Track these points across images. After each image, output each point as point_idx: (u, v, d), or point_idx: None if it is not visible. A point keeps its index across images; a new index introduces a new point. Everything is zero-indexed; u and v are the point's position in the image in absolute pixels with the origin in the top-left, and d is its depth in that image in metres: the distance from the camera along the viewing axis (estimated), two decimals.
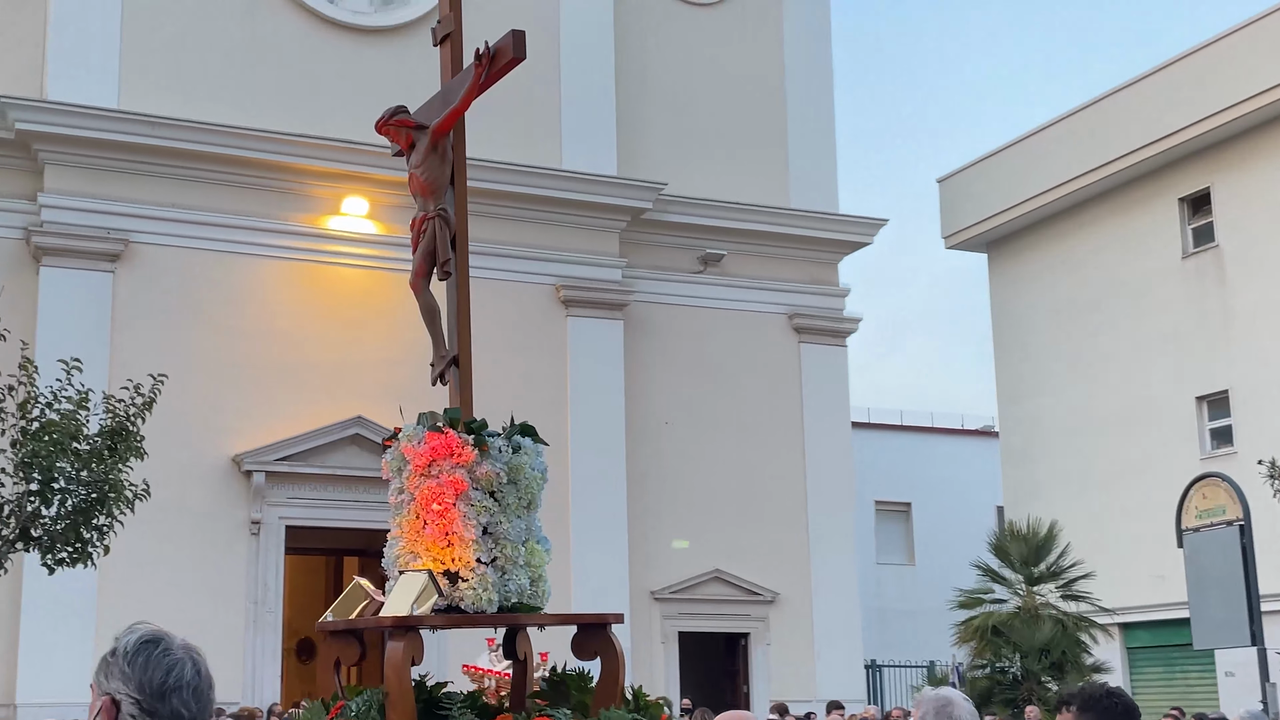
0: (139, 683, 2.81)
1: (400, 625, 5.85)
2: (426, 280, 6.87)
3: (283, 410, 21.53)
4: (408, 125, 7.01)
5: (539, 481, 6.31)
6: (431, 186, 6.84)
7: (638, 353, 24.84)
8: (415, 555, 6.11)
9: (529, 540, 6.26)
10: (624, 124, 25.44)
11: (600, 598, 22.94)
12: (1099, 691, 4.17)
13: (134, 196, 21.33)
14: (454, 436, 6.16)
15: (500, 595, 6.08)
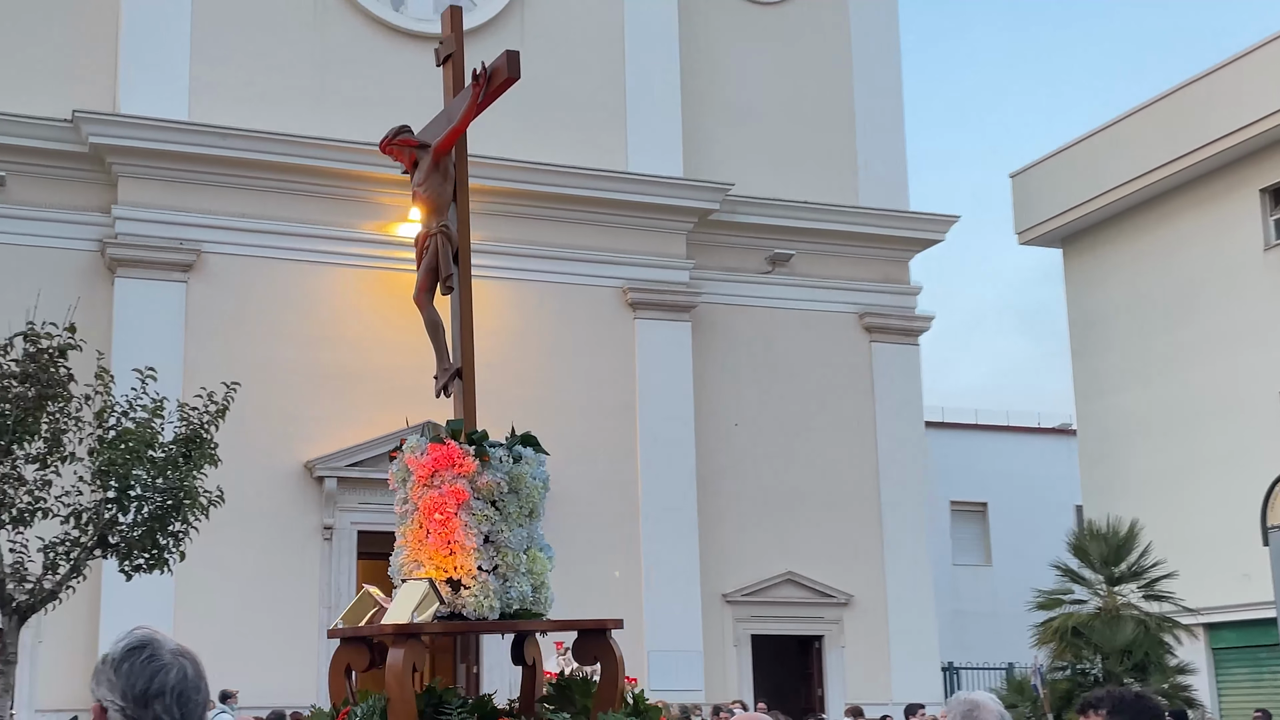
0: (123, 689, 2.86)
1: (401, 633, 5.97)
2: (430, 295, 7.07)
3: (354, 416, 21.83)
4: (410, 144, 7.18)
5: (540, 490, 6.43)
6: (434, 203, 7.01)
7: (706, 354, 24.87)
8: (419, 564, 6.24)
9: (531, 548, 6.36)
10: (690, 125, 25.49)
11: (670, 601, 23.03)
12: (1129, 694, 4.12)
13: (205, 207, 21.74)
14: (455, 447, 6.29)
15: (502, 602, 6.19)
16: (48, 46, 21.71)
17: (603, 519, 23.16)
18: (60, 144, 21.24)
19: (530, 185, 23.63)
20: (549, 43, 24.66)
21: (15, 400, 15.47)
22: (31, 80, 21.45)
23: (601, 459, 23.38)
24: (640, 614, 22.86)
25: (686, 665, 22.81)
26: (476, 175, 24.94)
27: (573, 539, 22.97)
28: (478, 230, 24.58)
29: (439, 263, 6.93)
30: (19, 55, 21.65)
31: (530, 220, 23.75)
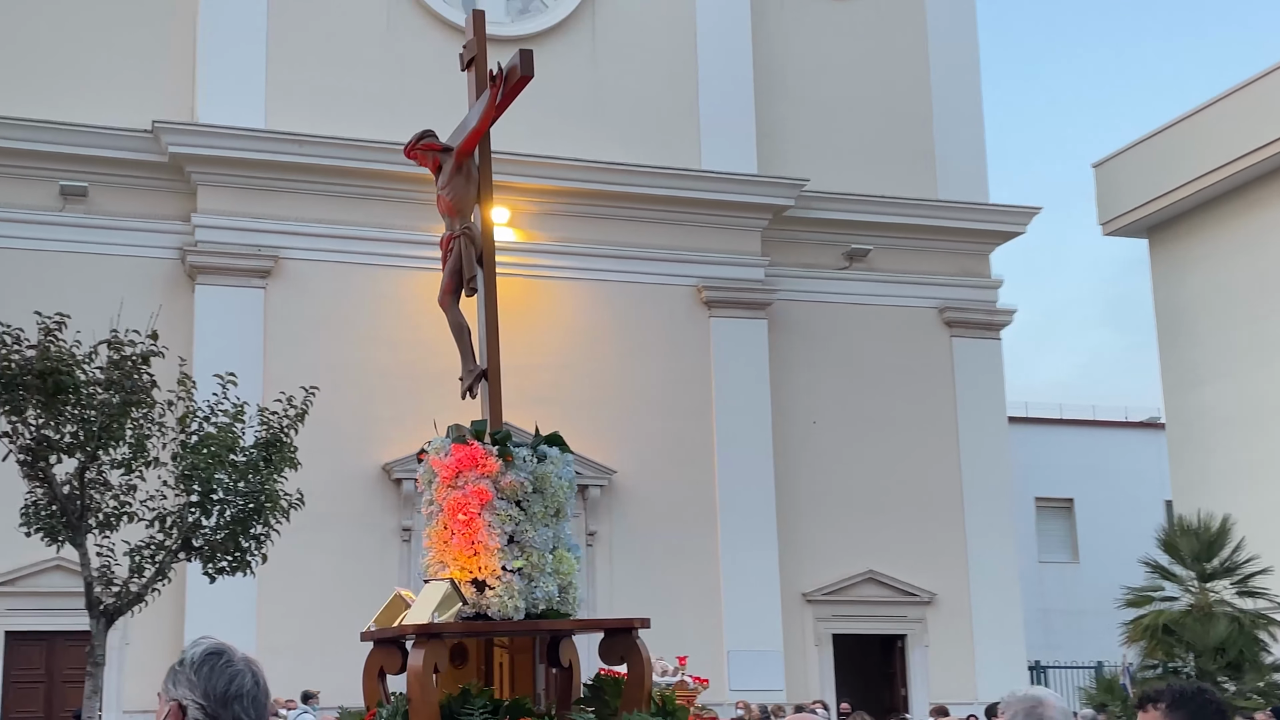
0: (204, 689, 3.01)
1: (422, 633, 5.97)
2: (455, 297, 7.16)
3: (428, 418, 22.04)
4: (434, 149, 7.25)
5: (566, 490, 6.42)
6: (458, 206, 7.09)
7: (783, 352, 24.84)
8: (444, 564, 6.27)
9: (557, 548, 6.35)
10: (763, 121, 25.48)
11: (750, 600, 23.05)
12: (1190, 689, 4.07)
13: (282, 213, 22.14)
14: (479, 448, 6.30)
15: (527, 603, 6.19)
16: (128, 59, 22.22)
17: (680, 519, 23.24)
18: (141, 154, 21.75)
19: (603, 185, 23.77)
20: (621, 42, 24.79)
21: (101, 407, 15.88)
22: (112, 93, 21.99)
23: (678, 459, 23.45)
24: (719, 614, 22.91)
25: (767, 665, 22.82)
26: (548, 177, 25.26)
27: (650, 539, 23.11)
28: (551, 232, 24.93)
29: (462, 265, 7.00)
30: (100, 69, 22.19)
31: (604, 220, 23.89)
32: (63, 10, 22.31)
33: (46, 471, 15.87)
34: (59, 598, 19.45)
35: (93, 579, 15.63)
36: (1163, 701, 3.98)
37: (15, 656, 20.11)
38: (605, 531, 22.95)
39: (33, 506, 16.01)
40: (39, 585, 20.07)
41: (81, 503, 15.82)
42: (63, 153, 21.44)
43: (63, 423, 15.82)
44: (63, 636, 19.80)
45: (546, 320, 23.32)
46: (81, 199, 21.66)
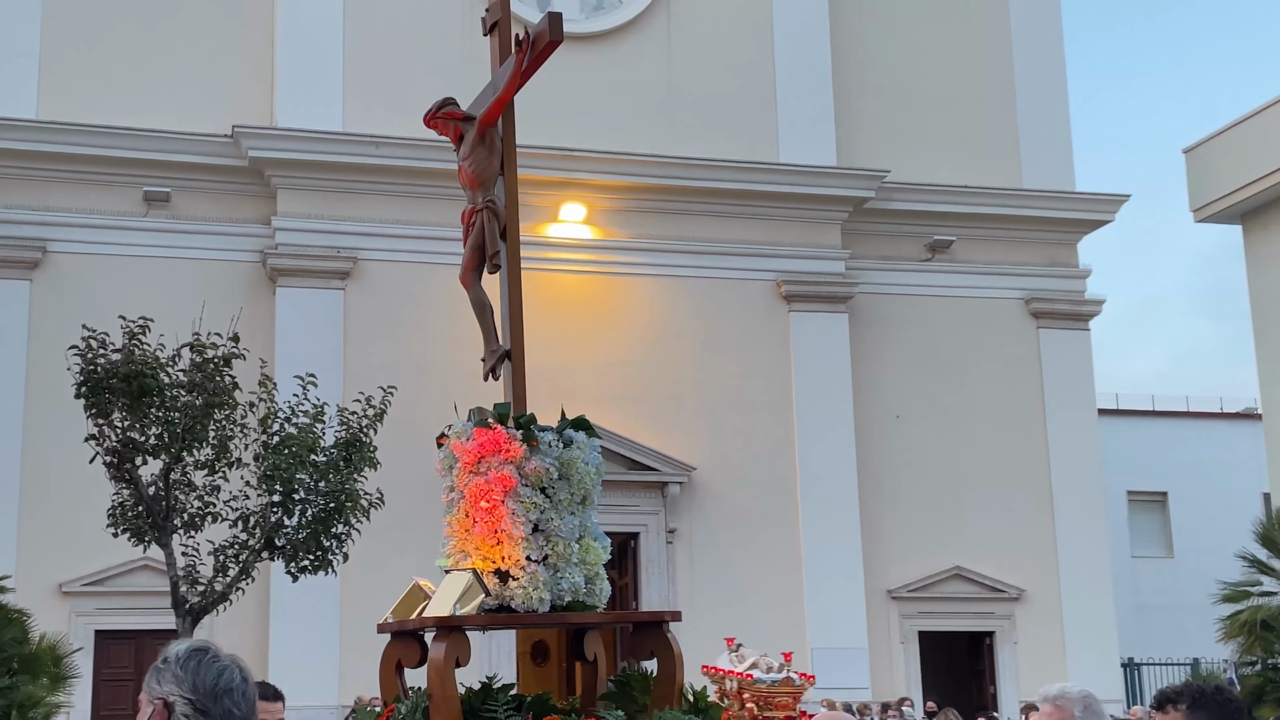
0: (193, 684, 3.01)
1: (444, 625, 5.74)
2: (477, 274, 6.84)
3: None
4: (455, 117, 6.97)
5: (593, 476, 6.13)
6: (480, 178, 6.79)
7: (865, 345, 24.73)
8: (465, 554, 6.02)
9: (584, 538, 6.08)
10: (842, 112, 25.37)
11: (833, 597, 23.00)
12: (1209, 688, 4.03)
13: (361, 215, 22.47)
14: (502, 432, 6.04)
15: (553, 594, 5.92)
16: (207, 66, 22.67)
17: (761, 516, 23.24)
18: (221, 159, 22.18)
19: (681, 181, 23.81)
20: (696, 36, 24.82)
21: (184, 409, 16.24)
22: (193, 99, 22.45)
23: (759, 454, 23.45)
24: (802, 611, 22.88)
25: (851, 662, 22.74)
26: (625, 173, 25.37)
27: (730, 536, 23.14)
28: (628, 228, 25.04)
29: (485, 240, 6.69)
30: (181, 75, 22.67)
31: (682, 216, 23.94)
32: (143, 19, 22.82)
33: (132, 473, 16.28)
34: (146, 597, 19.93)
35: (178, 578, 16.00)
36: (1183, 702, 3.95)
37: (105, 655, 20.63)
38: (685, 529, 23.01)
39: (119, 508, 16.42)
40: (126, 585, 20.58)
41: (167, 504, 16.20)
42: (145, 159, 21.94)
43: (148, 425, 16.20)
44: (150, 635, 20.26)
45: (625, 317, 23.44)
46: (164, 204, 22.15)
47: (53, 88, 22.29)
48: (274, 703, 6.68)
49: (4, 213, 21.63)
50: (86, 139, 21.86)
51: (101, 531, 16.77)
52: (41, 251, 21.65)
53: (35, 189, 21.81)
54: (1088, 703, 4.85)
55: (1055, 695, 4.88)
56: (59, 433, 19.24)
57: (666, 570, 22.82)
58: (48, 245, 21.68)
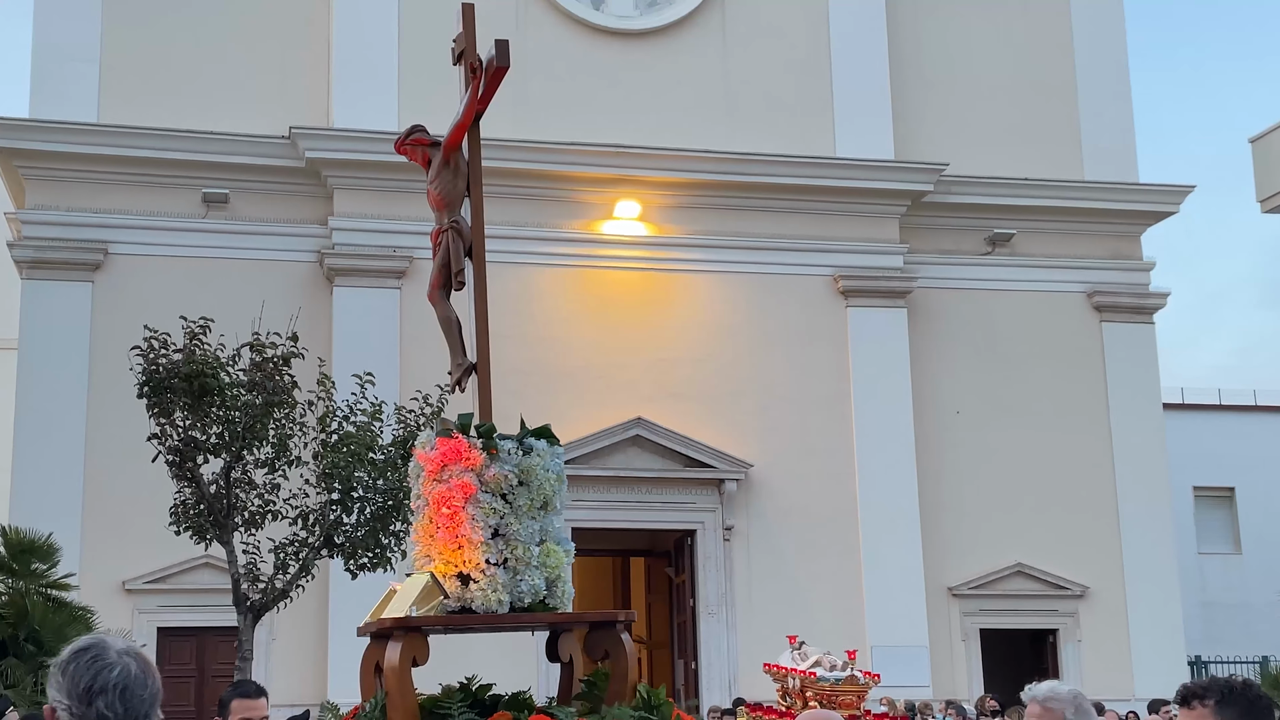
0: (68, 689, 3.05)
1: (400, 626, 6.02)
2: (444, 291, 7.17)
3: (564, 414, 22.44)
4: (423, 143, 7.33)
5: (554, 483, 6.44)
6: (446, 200, 7.15)
7: (924, 340, 24.71)
8: (429, 559, 6.30)
9: (545, 542, 6.36)
10: (900, 105, 25.35)
11: (893, 594, 23.03)
12: (1237, 684, 3.95)
13: (416, 214, 22.66)
14: (463, 441, 6.34)
15: (512, 596, 6.18)
16: (265, 68, 23.04)
17: (819, 512, 23.30)
18: (279, 160, 22.54)
19: (736, 176, 23.91)
20: (751, 30, 24.90)
21: (244, 408, 16.55)
22: (251, 101, 22.83)
23: (816, 451, 23.51)
24: (861, 609, 22.92)
25: (912, 660, 22.75)
26: (680, 170, 25.40)
27: (788, 533, 23.22)
28: (684, 225, 25.12)
29: (450, 259, 7.06)
30: (239, 78, 23.05)
31: (737, 212, 24.05)
32: (201, 23, 23.22)
33: (194, 472, 16.61)
34: (207, 594, 20.32)
35: (239, 576, 16.33)
36: (1211, 698, 3.86)
37: (167, 651, 21.04)
38: (743, 526, 23.12)
39: (181, 506, 16.76)
40: (188, 583, 20.98)
41: (227, 502, 16.53)
42: (204, 161, 22.35)
43: (208, 424, 16.53)
44: (212, 632, 20.66)
45: (681, 314, 23.58)
46: (223, 205, 22.55)
47: (113, 92, 22.75)
48: (256, 699, 6.90)
49: (66, 215, 22.11)
50: (146, 142, 22.30)
51: (164, 530, 17.12)
52: (103, 254, 22.11)
53: (97, 192, 22.28)
54: (1079, 703, 4.80)
55: (1044, 696, 4.83)
56: (122, 432, 19.65)
57: (724, 568, 22.94)
58: (109, 247, 22.15)
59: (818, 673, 16.73)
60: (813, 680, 16.63)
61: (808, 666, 17.04)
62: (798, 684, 16.89)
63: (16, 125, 22.17)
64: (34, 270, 22.03)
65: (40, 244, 22.00)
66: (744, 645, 22.45)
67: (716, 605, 22.79)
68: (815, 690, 16.61)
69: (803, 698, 16.73)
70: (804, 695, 16.74)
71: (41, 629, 14.88)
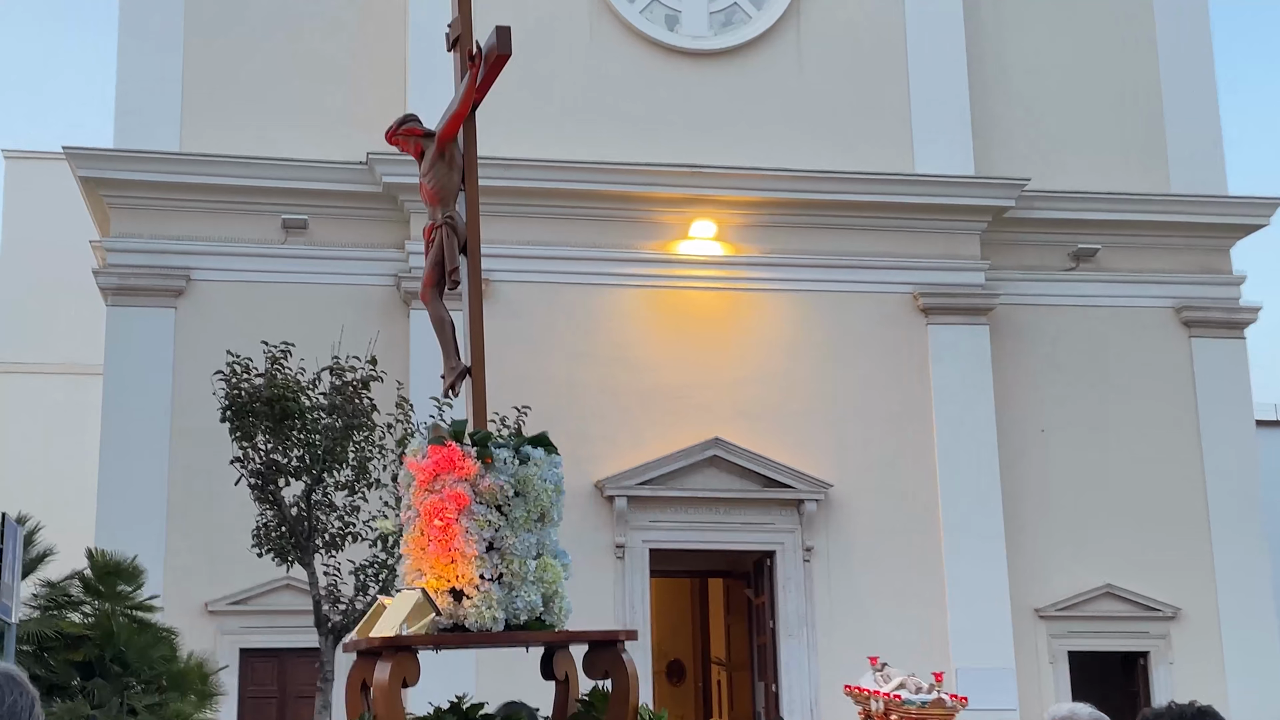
0: None
1: (389, 645, 5.78)
2: (437, 290, 6.95)
3: (642, 435, 22.77)
4: (415, 134, 7.10)
5: (551, 494, 6.23)
6: (440, 194, 6.92)
7: (1007, 358, 24.63)
8: (421, 573, 6.08)
9: (542, 555, 6.16)
10: (979, 120, 25.34)
11: (978, 615, 22.94)
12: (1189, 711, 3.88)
13: (491, 237, 22.93)
14: (456, 449, 6.11)
15: (508, 613, 5.98)
16: (342, 95, 23.56)
17: (901, 533, 23.27)
18: (356, 185, 23.02)
19: (813, 194, 24.02)
20: (827, 47, 25.04)
21: (325, 431, 16.98)
22: (329, 127, 23.36)
23: (898, 470, 23.51)
24: (945, 630, 22.86)
25: (998, 683, 22.63)
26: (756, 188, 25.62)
27: (869, 554, 23.23)
28: (760, 244, 25.28)
29: (444, 256, 6.82)
30: (317, 105, 23.61)
31: (814, 230, 24.15)
32: (278, 52, 23.84)
33: (275, 494, 17.05)
34: (289, 616, 20.73)
35: (320, 597, 16.72)
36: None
37: (249, 672, 21.49)
38: (822, 546, 23.16)
39: (263, 528, 17.21)
40: (270, 604, 21.42)
41: (309, 524, 16.95)
42: (284, 187, 22.91)
43: (289, 447, 16.97)
44: (293, 653, 21.05)
45: (758, 333, 23.72)
46: (302, 231, 23.09)
47: (194, 121, 23.41)
48: None
49: (150, 243, 22.76)
50: (227, 169, 22.91)
51: (246, 551, 17.58)
52: (186, 280, 22.73)
53: (179, 219, 22.91)
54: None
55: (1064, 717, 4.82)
56: (205, 456, 20.17)
57: (804, 589, 22.99)
58: (191, 274, 22.76)
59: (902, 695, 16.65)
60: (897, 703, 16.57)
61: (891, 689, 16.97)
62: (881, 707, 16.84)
63: (102, 155, 22.89)
64: (119, 297, 22.69)
65: (125, 271, 22.66)
66: (825, 667, 22.47)
67: (797, 627, 22.84)
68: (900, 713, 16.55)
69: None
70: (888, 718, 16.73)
71: (127, 650, 15.26)
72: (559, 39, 24.17)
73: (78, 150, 22.87)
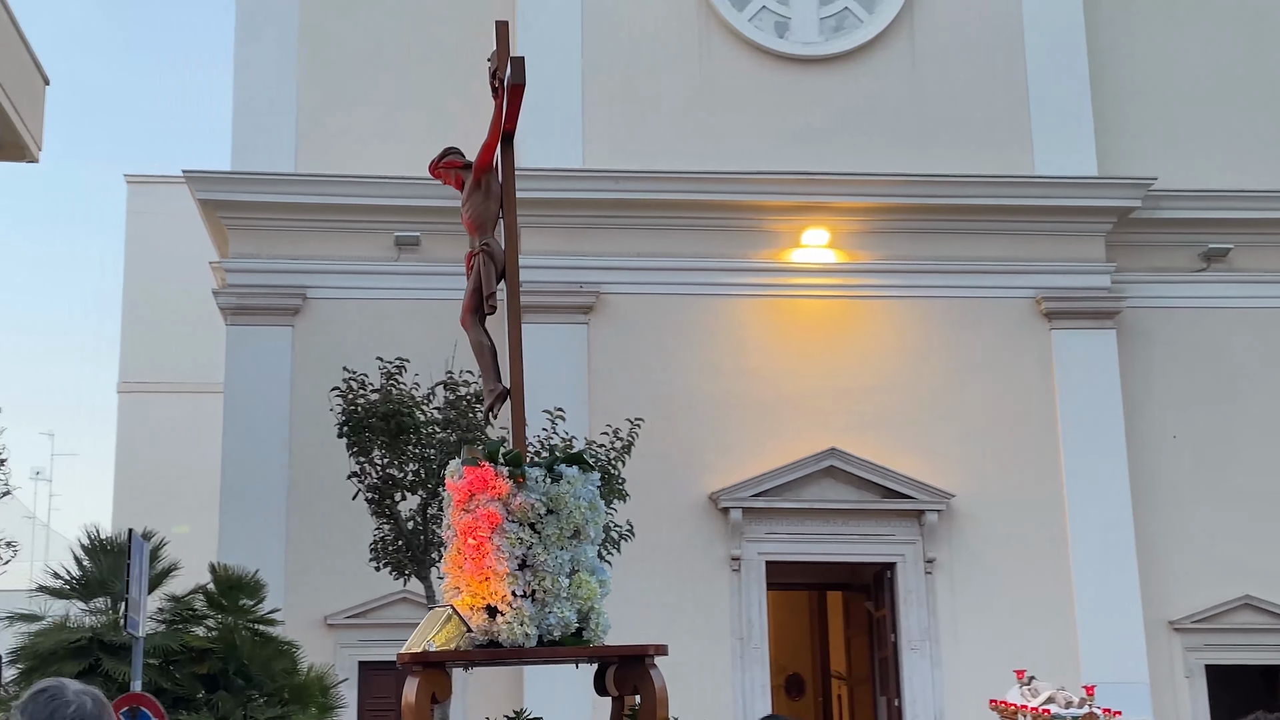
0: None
1: (417, 662, 6.05)
2: (477, 316, 7.28)
3: (756, 446, 22.91)
4: (456, 165, 7.52)
5: (585, 511, 6.43)
6: (477, 222, 7.29)
7: (1135, 362, 24.35)
8: (458, 590, 6.33)
9: (578, 572, 6.36)
10: (1102, 118, 25.10)
11: (1109, 628, 22.69)
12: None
13: (603, 250, 23.50)
14: (489, 469, 6.39)
15: (540, 629, 6.17)
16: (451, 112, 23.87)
17: (1027, 543, 23.10)
18: None
19: (929, 199, 24.01)
20: (942, 49, 25.01)
21: (439, 445, 17.41)
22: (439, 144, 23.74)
23: (1022, 479, 23.34)
24: (1075, 643, 22.64)
25: (1132, 697, 22.30)
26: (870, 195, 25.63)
27: (994, 565, 23.09)
28: (875, 250, 25.26)
29: (481, 283, 7.18)
30: (428, 123, 24.17)
31: (930, 235, 24.12)
32: (389, 73, 24.52)
33: (392, 509, 17.53)
34: (406, 629, 21.05)
35: None
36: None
37: (368, 685, 22.03)
38: (945, 558, 23.08)
39: (380, 542, 17.69)
40: (387, 617, 21.94)
41: (425, 537, 17.37)
42: (396, 205, 23.51)
43: (405, 461, 17.42)
44: None
45: (874, 341, 23.75)
46: (415, 247, 23.67)
47: (309, 142, 24.16)
48: None
49: (267, 263, 23.52)
50: (341, 189, 23.59)
51: (364, 565, 18.07)
52: (302, 298, 23.44)
53: (295, 239, 23.64)
54: None
55: None
56: (323, 471, 20.79)
57: (926, 601, 22.93)
58: (307, 292, 23.46)
59: (1052, 709, 16.50)
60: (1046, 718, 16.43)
61: (1039, 703, 16.77)
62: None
63: (220, 178, 23.73)
64: (237, 317, 23.48)
65: (243, 291, 23.45)
66: (950, 681, 22.39)
67: (920, 640, 22.79)
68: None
69: None
70: None
71: (250, 663, 15.77)
72: (667, 50, 24.48)
73: (197, 174, 23.73)
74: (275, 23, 24.52)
